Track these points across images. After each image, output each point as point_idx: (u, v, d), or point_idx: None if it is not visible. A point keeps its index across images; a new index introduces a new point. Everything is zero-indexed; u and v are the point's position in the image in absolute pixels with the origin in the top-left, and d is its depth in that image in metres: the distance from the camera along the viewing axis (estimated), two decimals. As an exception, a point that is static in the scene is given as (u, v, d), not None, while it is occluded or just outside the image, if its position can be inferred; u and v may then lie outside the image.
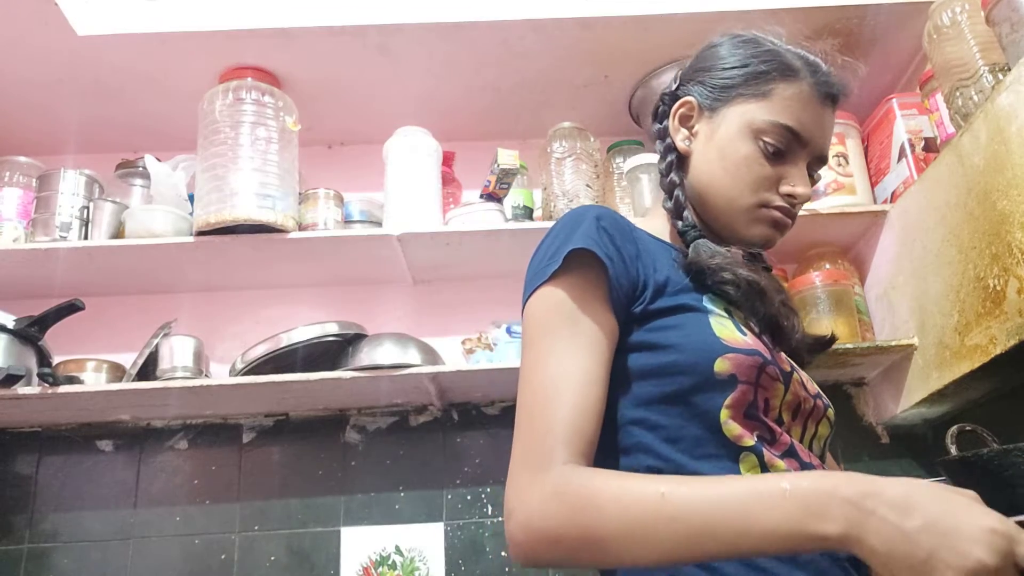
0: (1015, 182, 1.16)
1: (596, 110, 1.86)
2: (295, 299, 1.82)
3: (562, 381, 0.75)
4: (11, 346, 1.49)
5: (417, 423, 1.75)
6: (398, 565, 1.64)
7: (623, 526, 0.67)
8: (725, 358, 0.79)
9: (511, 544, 0.71)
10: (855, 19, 1.62)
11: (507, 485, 0.73)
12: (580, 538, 0.68)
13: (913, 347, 1.51)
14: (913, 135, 1.61)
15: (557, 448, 0.72)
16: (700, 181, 0.93)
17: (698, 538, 0.65)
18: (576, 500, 0.69)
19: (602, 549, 0.68)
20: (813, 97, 0.91)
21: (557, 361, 0.76)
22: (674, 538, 0.65)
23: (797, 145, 0.90)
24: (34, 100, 1.73)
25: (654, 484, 0.68)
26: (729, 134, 0.91)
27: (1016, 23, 1.20)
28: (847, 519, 0.61)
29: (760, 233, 0.92)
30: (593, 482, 0.70)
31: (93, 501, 1.67)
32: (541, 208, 1.77)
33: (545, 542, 0.69)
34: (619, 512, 0.67)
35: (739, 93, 0.91)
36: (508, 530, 0.71)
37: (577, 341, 0.77)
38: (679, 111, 0.96)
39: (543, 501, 0.70)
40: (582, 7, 1.58)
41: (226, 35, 1.58)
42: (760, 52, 0.93)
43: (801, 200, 0.91)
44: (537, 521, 0.70)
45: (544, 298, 0.80)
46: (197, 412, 1.71)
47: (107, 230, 1.63)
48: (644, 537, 0.66)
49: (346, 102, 1.81)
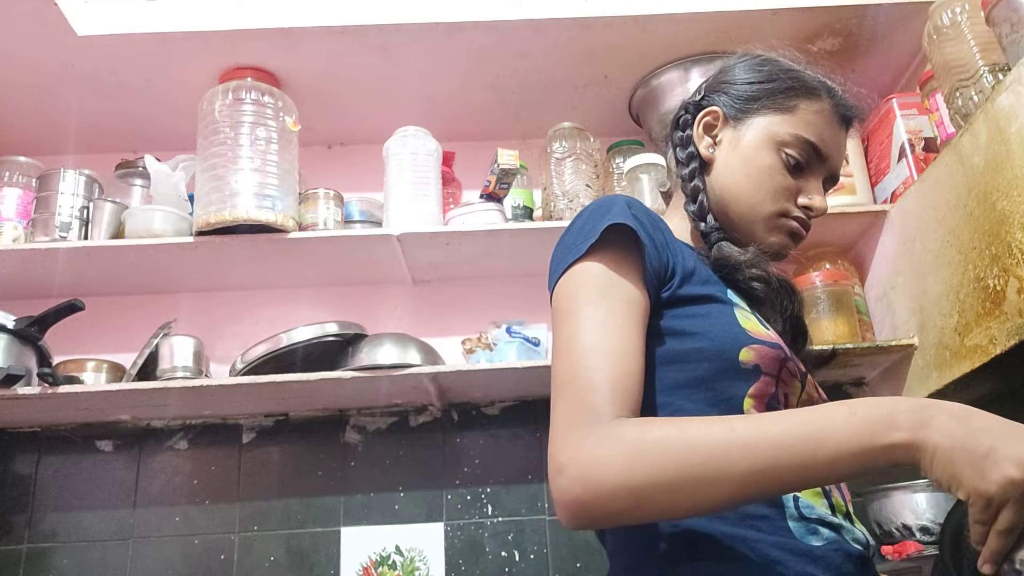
0: (1015, 182, 1.16)
1: (596, 110, 1.86)
2: (295, 299, 1.82)
3: (605, 346, 0.74)
4: (11, 346, 1.49)
5: (417, 423, 1.75)
6: (398, 565, 1.64)
7: (694, 460, 0.65)
8: (750, 348, 0.80)
9: (563, 504, 0.67)
10: (855, 19, 1.62)
11: (552, 447, 0.70)
12: (647, 481, 0.65)
13: (913, 347, 1.51)
14: (913, 135, 1.61)
15: (606, 404, 0.70)
16: (722, 187, 0.96)
17: (771, 465, 0.64)
18: (639, 443, 0.67)
19: (671, 490, 0.65)
20: (833, 117, 0.96)
21: (599, 329, 0.75)
22: (747, 468, 0.64)
23: (816, 160, 0.94)
24: (34, 100, 1.73)
25: (718, 420, 0.68)
26: (753, 144, 0.94)
27: (1016, 23, 1.20)
28: (912, 425, 0.64)
29: (777, 241, 0.95)
30: (652, 425, 0.69)
31: (92, 501, 1.67)
32: (541, 208, 1.77)
33: (607, 492, 0.65)
34: (688, 447, 0.66)
35: (764, 106, 0.95)
36: (561, 488, 0.67)
37: (616, 313, 0.77)
38: (704, 119, 0.99)
39: (602, 450, 0.67)
40: (582, 7, 1.58)
41: (226, 35, 1.58)
42: (785, 70, 0.97)
43: (817, 213, 0.95)
44: (599, 470, 0.66)
45: (582, 271, 0.80)
46: (197, 412, 1.71)
47: (107, 230, 1.63)
48: (718, 469, 0.64)
49: (346, 102, 1.81)
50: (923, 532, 1.39)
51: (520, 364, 1.56)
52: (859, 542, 0.80)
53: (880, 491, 1.45)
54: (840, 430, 0.65)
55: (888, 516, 1.43)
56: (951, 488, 0.63)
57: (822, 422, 0.66)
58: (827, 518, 0.79)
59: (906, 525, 1.40)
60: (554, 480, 0.68)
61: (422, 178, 1.66)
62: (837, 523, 0.79)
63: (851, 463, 0.64)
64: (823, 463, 0.64)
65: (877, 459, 0.64)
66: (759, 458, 0.64)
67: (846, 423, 0.65)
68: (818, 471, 0.65)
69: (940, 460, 0.62)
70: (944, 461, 0.62)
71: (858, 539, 0.81)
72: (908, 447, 0.63)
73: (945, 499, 1.39)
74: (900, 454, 0.64)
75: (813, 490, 0.80)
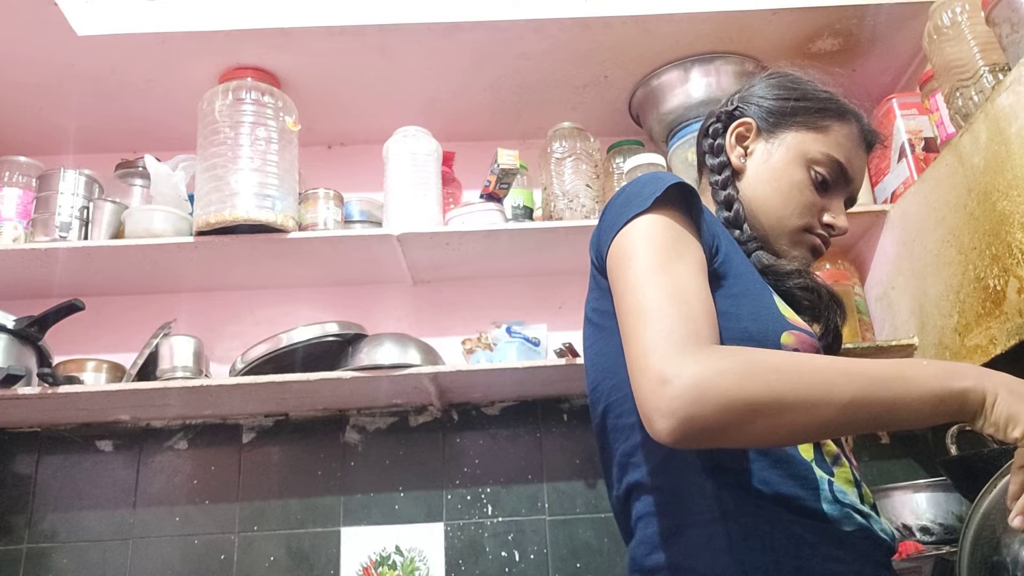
0: (1015, 183, 1.16)
1: (596, 110, 1.86)
2: (295, 299, 1.82)
3: (694, 285, 0.75)
4: (11, 346, 1.49)
5: (417, 423, 1.75)
6: (398, 565, 1.64)
7: (803, 382, 0.68)
8: (791, 333, 0.83)
9: (669, 413, 0.66)
10: (855, 19, 1.62)
11: (650, 359, 0.68)
12: (762, 397, 0.66)
13: (913, 347, 1.51)
14: (913, 135, 1.61)
15: (705, 329, 0.71)
16: (751, 197, 0.98)
17: (870, 395, 0.69)
18: (752, 362, 0.68)
19: (780, 409, 0.67)
20: (860, 141, 1.00)
21: (678, 273, 0.76)
22: (850, 395, 0.68)
23: (842, 180, 0.98)
24: (34, 100, 1.73)
25: (816, 355, 0.74)
26: (785, 159, 0.97)
27: (1016, 23, 1.20)
28: (976, 375, 0.72)
29: (799, 255, 0.98)
30: (758, 350, 0.71)
31: (92, 501, 1.67)
32: (541, 208, 1.77)
33: (723, 404, 0.65)
34: (797, 369, 0.68)
35: (798, 123, 0.98)
36: (671, 396, 0.66)
37: (689, 261, 0.78)
38: (736, 130, 1.01)
39: (719, 363, 0.67)
40: (582, 7, 1.58)
41: (226, 35, 1.58)
42: (819, 90, 1.00)
43: (839, 232, 0.98)
44: (716, 380, 0.66)
45: (653, 221, 0.80)
46: (197, 412, 1.71)
47: (107, 230, 1.63)
48: (826, 392, 0.67)
49: (346, 102, 1.81)
50: (923, 532, 1.39)
51: (520, 364, 1.56)
52: (885, 533, 0.83)
53: (880, 491, 1.45)
54: (922, 374, 0.71)
55: (888, 516, 1.43)
56: (1008, 428, 0.69)
57: (906, 366, 0.72)
58: (857, 506, 0.80)
59: (906, 525, 1.40)
60: (657, 390, 0.67)
61: (422, 178, 1.66)
62: (866, 512, 0.81)
63: (934, 404, 0.70)
64: (912, 400, 0.69)
65: (952, 403, 0.70)
66: (860, 387, 0.68)
67: (925, 369, 0.72)
68: (908, 407, 0.69)
69: (1001, 402, 0.70)
70: (1004, 403, 0.70)
71: (884, 530, 0.83)
72: (975, 391, 0.70)
73: (945, 499, 1.39)
74: (970, 398, 0.70)
75: (846, 477, 0.82)
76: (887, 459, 1.73)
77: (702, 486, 0.78)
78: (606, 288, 0.85)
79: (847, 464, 0.84)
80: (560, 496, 1.70)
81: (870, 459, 1.73)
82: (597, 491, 1.70)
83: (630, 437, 0.84)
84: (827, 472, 0.80)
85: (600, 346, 0.89)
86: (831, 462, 0.82)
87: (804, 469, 0.79)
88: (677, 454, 0.79)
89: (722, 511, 0.77)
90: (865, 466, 1.71)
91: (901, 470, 1.71)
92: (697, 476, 0.79)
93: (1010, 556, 0.90)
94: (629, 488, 0.85)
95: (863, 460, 1.72)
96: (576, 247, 1.67)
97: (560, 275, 1.82)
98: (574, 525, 1.67)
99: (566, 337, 1.62)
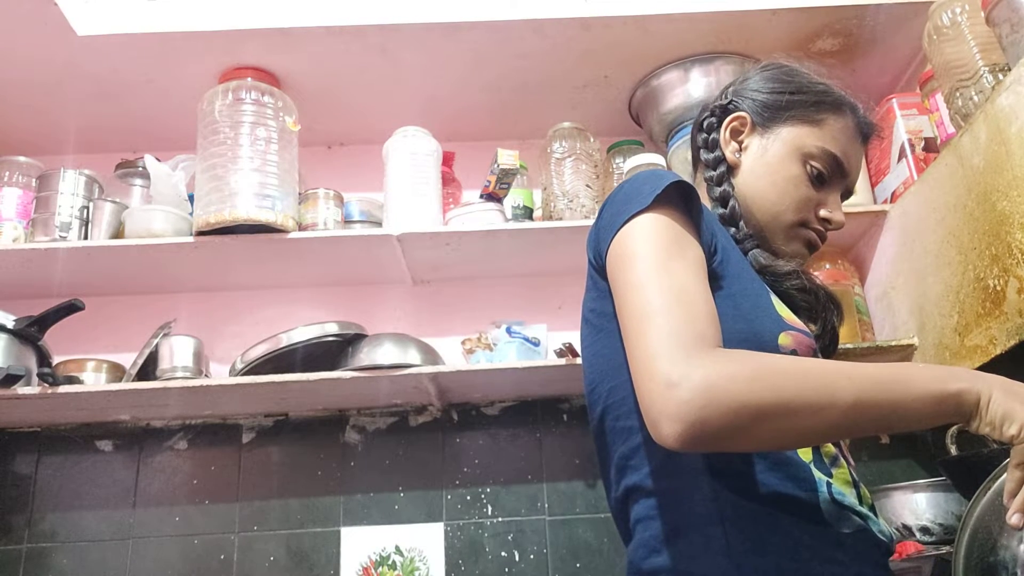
0: (1015, 183, 1.16)
1: (596, 110, 1.86)
2: (295, 299, 1.82)
3: (695, 287, 0.75)
4: (11, 346, 1.49)
5: (417, 423, 1.75)
6: (398, 565, 1.64)
7: (809, 386, 0.68)
8: (788, 334, 0.83)
9: (678, 416, 0.65)
10: (855, 19, 1.62)
11: (657, 363, 0.68)
12: (771, 401, 0.66)
13: (913, 347, 1.51)
14: (913, 135, 1.61)
15: (709, 331, 0.71)
16: (746, 193, 0.97)
17: (872, 397, 0.69)
18: (759, 366, 0.68)
19: (787, 412, 0.67)
20: (856, 134, 0.98)
21: (680, 273, 0.76)
22: (853, 397, 0.68)
23: (838, 174, 0.97)
24: (34, 100, 1.72)
25: (816, 359, 0.76)
26: (780, 153, 0.96)
27: (1016, 23, 1.20)
28: (971, 377, 0.73)
29: (795, 250, 0.97)
30: (763, 354, 0.72)
31: (92, 501, 1.67)
32: (541, 208, 1.77)
33: (733, 408, 0.65)
34: (803, 373, 0.69)
35: (792, 116, 0.97)
36: (679, 400, 0.65)
37: (690, 261, 0.78)
38: (731, 124, 1.00)
39: (727, 367, 0.67)
40: (582, 7, 1.58)
41: (226, 35, 1.58)
42: (814, 83, 0.99)
43: (835, 227, 0.98)
44: (725, 385, 0.66)
45: (653, 219, 0.80)
46: (197, 412, 1.71)
47: (107, 230, 1.63)
48: (831, 395, 0.68)
49: (346, 102, 1.81)
50: (923, 532, 1.39)
51: (520, 364, 1.56)
52: (883, 534, 0.82)
53: (880, 491, 1.45)
54: (919, 376, 0.72)
55: (888, 516, 1.43)
56: (1003, 427, 0.71)
57: (904, 369, 0.73)
58: (856, 507, 0.80)
59: (906, 525, 1.40)
60: (664, 394, 0.66)
61: (422, 178, 1.66)
62: (864, 513, 0.81)
63: (932, 406, 0.71)
64: (912, 402, 0.70)
65: (948, 404, 0.71)
66: (863, 390, 0.69)
67: (922, 372, 0.73)
68: (907, 410, 0.70)
69: (996, 402, 0.71)
70: (998, 402, 0.71)
71: (883, 531, 0.83)
72: (970, 393, 0.71)
73: (945, 499, 1.39)
74: (965, 399, 0.71)
75: (844, 479, 0.82)
76: (887, 459, 1.73)
77: (701, 489, 0.78)
78: (604, 288, 0.85)
79: (845, 465, 0.84)
80: (560, 496, 1.70)
81: (869, 459, 1.72)
82: (597, 491, 1.70)
83: (629, 439, 0.84)
84: (826, 473, 0.80)
85: (598, 347, 0.89)
86: (829, 463, 0.82)
87: (803, 471, 0.79)
88: (676, 457, 0.79)
89: (720, 514, 0.76)
90: (865, 466, 1.71)
91: (901, 470, 1.71)
92: (696, 479, 0.79)
93: (1008, 556, 0.90)
94: (627, 490, 0.84)
95: (862, 460, 1.72)
96: (576, 247, 1.65)
97: (560, 275, 1.82)
98: (574, 525, 1.67)
99: (566, 337, 1.62)
